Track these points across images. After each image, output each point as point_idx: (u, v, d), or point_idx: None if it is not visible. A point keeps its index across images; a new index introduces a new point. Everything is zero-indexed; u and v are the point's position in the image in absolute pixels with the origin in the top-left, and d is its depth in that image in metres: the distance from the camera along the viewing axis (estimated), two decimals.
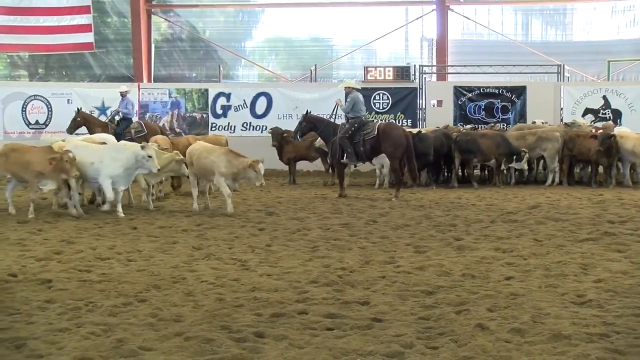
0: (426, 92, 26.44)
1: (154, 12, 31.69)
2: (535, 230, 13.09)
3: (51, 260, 10.67)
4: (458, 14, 31.07)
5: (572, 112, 24.97)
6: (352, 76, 29.73)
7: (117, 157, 15.12)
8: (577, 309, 8.00)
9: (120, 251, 11.35)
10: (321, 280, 9.42)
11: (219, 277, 9.64)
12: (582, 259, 10.65)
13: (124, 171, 15.03)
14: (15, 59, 31.46)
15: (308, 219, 14.64)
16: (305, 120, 18.51)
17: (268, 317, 7.74)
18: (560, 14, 31.57)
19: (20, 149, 15.31)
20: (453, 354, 6.58)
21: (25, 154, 14.96)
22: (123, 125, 22.71)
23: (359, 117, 18.15)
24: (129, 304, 8.28)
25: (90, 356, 6.52)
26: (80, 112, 23.44)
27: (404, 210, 15.77)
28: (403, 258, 10.84)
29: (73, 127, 23.32)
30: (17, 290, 8.89)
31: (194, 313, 7.87)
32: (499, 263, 10.46)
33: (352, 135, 17.91)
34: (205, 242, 12.12)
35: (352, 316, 7.74)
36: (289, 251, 11.42)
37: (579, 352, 6.57)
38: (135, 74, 30.36)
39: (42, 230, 13.36)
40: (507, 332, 7.16)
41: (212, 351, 6.68)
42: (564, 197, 18.07)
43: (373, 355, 6.56)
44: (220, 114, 26.09)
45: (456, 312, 7.86)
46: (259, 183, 15.09)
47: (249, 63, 32.20)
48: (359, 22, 31.57)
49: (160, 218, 14.79)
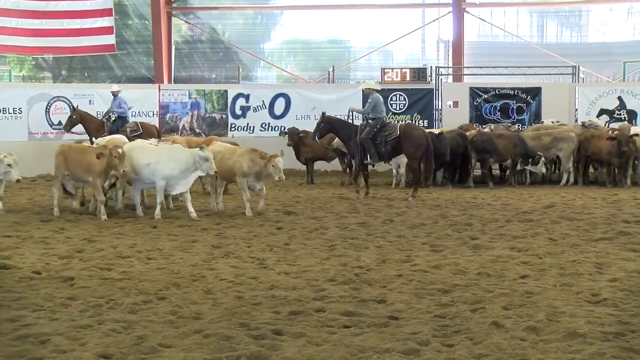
0: (442, 93, 26.36)
1: (175, 15, 31.75)
2: (550, 230, 13.03)
3: (73, 259, 10.72)
4: (474, 16, 30.98)
5: (586, 113, 24.82)
6: (369, 77, 29.68)
7: (175, 157, 14.71)
8: (592, 308, 7.96)
9: (141, 249, 11.38)
10: (338, 279, 9.42)
11: (237, 275, 9.66)
12: (597, 258, 10.60)
13: (180, 173, 14.56)
14: (39, 61, 31.60)
15: (325, 218, 14.63)
16: (323, 122, 18.41)
17: (286, 314, 7.74)
18: (576, 15, 31.42)
19: (78, 149, 15.15)
20: (468, 352, 6.56)
21: (85, 154, 14.75)
22: (118, 124, 22.64)
23: (381, 118, 18.08)
24: (149, 301, 8.30)
25: (111, 352, 6.55)
26: (77, 110, 23.48)
27: (420, 210, 15.74)
28: (419, 257, 10.83)
29: (69, 124, 23.39)
30: (41, 287, 8.95)
31: (213, 311, 7.88)
32: (515, 262, 10.43)
33: (374, 136, 17.86)
34: (225, 241, 12.14)
35: (369, 314, 7.73)
36: (306, 250, 11.42)
37: (594, 351, 6.53)
38: (156, 75, 30.43)
39: (65, 229, 13.42)
40: (523, 330, 7.14)
41: (231, 348, 6.69)
42: (579, 196, 17.98)
43: (389, 353, 6.55)
44: (239, 114, 26.10)
45: (472, 310, 7.84)
46: (277, 177, 14.84)
47: (268, 64, 32.21)
48: (376, 24, 31.54)
49: (180, 217, 14.81)
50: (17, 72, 30.72)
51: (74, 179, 15.07)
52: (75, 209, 15.48)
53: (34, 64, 31.70)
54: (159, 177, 14.57)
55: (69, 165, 14.82)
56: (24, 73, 31.24)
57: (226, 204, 16.14)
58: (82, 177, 14.77)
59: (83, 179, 14.83)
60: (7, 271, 9.85)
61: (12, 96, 24.55)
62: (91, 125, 22.95)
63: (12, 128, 24.01)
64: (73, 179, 15.08)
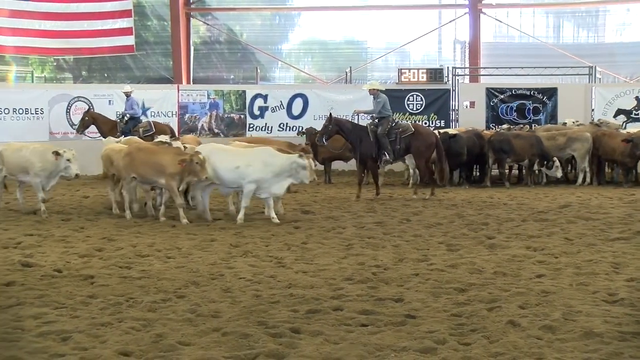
0: (459, 94, 26.32)
1: (193, 16, 31.79)
2: (566, 229, 12.99)
3: (93, 257, 10.77)
4: (490, 17, 30.89)
5: (603, 113, 24.71)
6: (386, 78, 29.71)
7: (270, 161, 14.10)
8: (609, 307, 7.92)
9: (160, 248, 11.42)
10: (356, 278, 9.41)
11: (256, 274, 9.67)
12: (614, 257, 10.55)
13: (273, 177, 14.01)
14: (60, 62, 31.75)
15: (343, 218, 14.63)
16: (331, 123, 18.25)
17: (304, 313, 7.74)
18: (593, 16, 31.27)
19: (147, 149, 14.82)
20: (485, 350, 6.54)
21: (154, 155, 14.39)
22: (131, 124, 22.70)
23: (390, 116, 18.13)
24: (168, 299, 8.33)
25: (130, 350, 6.57)
26: (89, 112, 23.64)
27: (436, 209, 15.72)
28: (436, 256, 10.81)
29: (82, 126, 23.45)
30: (62, 285, 8.99)
31: (232, 309, 7.89)
32: (530, 261, 10.40)
33: (388, 133, 17.85)
34: (243, 240, 12.15)
35: (386, 313, 7.73)
36: (324, 249, 11.42)
37: (611, 351, 6.49)
38: (175, 76, 30.50)
39: (84, 227, 13.48)
40: (539, 329, 7.11)
41: (249, 346, 6.70)
42: (595, 196, 17.90)
43: (406, 351, 6.54)
44: (257, 114, 26.14)
45: (488, 309, 7.82)
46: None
47: (286, 65, 32.21)
48: (392, 25, 31.49)
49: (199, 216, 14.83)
50: (38, 73, 30.87)
51: (142, 181, 14.64)
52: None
53: (55, 65, 31.85)
54: (249, 181, 13.99)
55: (137, 167, 14.36)
56: (45, 74, 31.38)
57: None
58: (152, 178, 14.33)
59: (153, 180, 14.42)
60: (29, 269, 9.92)
61: (34, 97, 24.74)
62: (104, 127, 22.98)
63: (33, 128, 24.21)
64: (140, 181, 14.67)
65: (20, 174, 15.08)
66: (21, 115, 24.42)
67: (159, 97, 25.90)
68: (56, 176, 14.85)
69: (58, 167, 14.57)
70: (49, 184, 14.89)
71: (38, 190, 14.79)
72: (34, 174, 14.67)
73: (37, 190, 14.83)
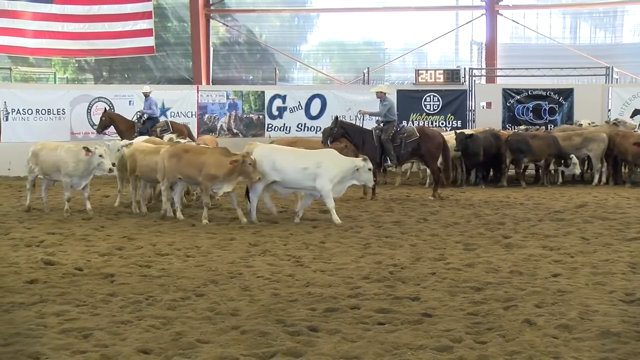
0: (476, 94, 26.21)
1: (213, 17, 31.84)
2: (582, 229, 12.93)
3: (113, 256, 10.83)
4: (507, 19, 30.77)
5: (620, 114, 24.53)
6: (404, 79, 29.69)
7: (338, 163, 14.11)
8: (626, 307, 7.88)
9: (179, 247, 11.46)
10: (373, 276, 9.42)
11: (274, 272, 9.69)
12: (631, 257, 10.50)
13: (340, 178, 14.00)
14: (82, 63, 31.89)
15: (360, 217, 14.63)
16: (336, 126, 18.12)
17: (322, 311, 7.75)
18: (610, 16, 31.09)
19: (194, 150, 14.69)
20: (501, 349, 6.53)
21: (200, 156, 14.23)
22: (149, 125, 22.55)
23: (395, 120, 18.15)
24: (187, 298, 8.36)
25: (150, 348, 6.60)
26: (107, 112, 23.61)
27: (453, 209, 15.69)
28: (453, 255, 10.80)
29: (101, 126, 23.41)
30: (82, 283, 9.05)
31: (250, 307, 7.91)
32: (546, 260, 10.37)
33: (393, 138, 17.81)
34: (261, 239, 12.17)
35: (403, 311, 7.73)
36: (341, 248, 11.43)
37: (629, 350, 6.46)
38: (194, 77, 30.57)
39: (105, 226, 13.55)
40: (555, 328, 7.09)
41: (268, 344, 6.71)
42: (611, 196, 17.80)
43: (423, 350, 6.54)
44: (276, 115, 26.14)
45: (504, 308, 7.81)
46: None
47: (304, 66, 32.21)
48: (410, 27, 31.44)
49: (217, 215, 14.87)
50: (61, 74, 31.03)
51: (188, 181, 14.57)
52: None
53: (76, 66, 32.00)
54: (324, 181, 13.81)
55: (183, 168, 14.19)
56: (67, 75, 31.53)
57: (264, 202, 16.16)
58: (194, 178, 14.19)
59: (195, 180, 14.27)
60: (51, 267, 9.99)
61: (56, 98, 24.84)
62: (122, 126, 22.94)
63: (55, 128, 24.30)
64: (186, 181, 14.58)
65: (54, 173, 15.12)
66: (43, 116, 24.53)
67: (178, 98, 25.92)
68: (89, 175, 14.88)
69: (91, 164, 14.54)
70: (81, 184, 14.88)
71: (67, 190, 14.83)
72: (65, 174, 14.73)
73: (65, 189, 14.86)
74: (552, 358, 6.32)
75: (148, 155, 15.17)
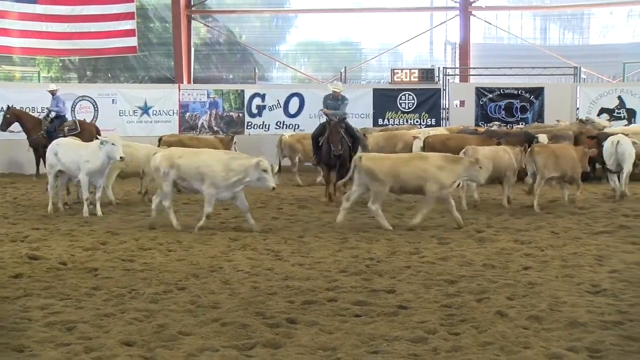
0: (449, 93, 26.33)
1: (194, 18, 31.77)
2: (552, 223, 13.00)
3: (97, 250, 10.78)
4: (480, 19, 30.91)
5: (587, 112, 24.70)
6: (380, 78, 29.76)
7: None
8: (593, 298, 7.95)
9: (162, 242, 11.42)
10: (350, 270, 9.42)
11: (254, 266, 9.68)
12: (598, 250, 10.58)
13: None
14: (66, 62, 31.72)
15: (338, 212, 14.59)
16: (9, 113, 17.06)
17: (300, 304, 7.75)
18: (578, 18, 31.34)
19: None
20: (474, 340, 6.56)
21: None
22: (56, 123, 21.53)
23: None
24: (169, 291, 8.34)
25: (133, 340, 6.59)
26: (11, 109, 22.34)
27: None
28: (427, 249, 10.82)
29: (5, 124, 22.26)
30: (67, 277, 9.01)
31: (231, 300, 7.91)
32: (518, 254, 10.42)
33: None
34: (241, 234, 12.14)
35: (379, 304, 7.74)
36: (320, 242, 11.43)
37: (594, 339, 6.52)
38: (176, 76, 30.49)
39: (89, 222, 13.47)
40: (526, 319, 7.14)
41: (248, 336, 6.71)
42: (581, 192, 17.84)
43: (399, 341, 6.55)
44: (255, 113, 26.12)
45: (477, 300, 7.84)
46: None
47: (283, 65, 32.19)
48: (386, 27, 31.49)
49: (199, 211, 14.79)
50: (45, 73, 30.82)
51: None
52: None
53: (61, 65, 31.81)
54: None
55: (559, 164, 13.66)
56: (51, 74, 31.32)
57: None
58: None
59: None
60: (36, 262, 9.92)
61: (40, 96, 24.56)
62: (28, 124, 21.94)
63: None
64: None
65: (75, 170, 14.36)
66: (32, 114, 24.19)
67: (160, 96, 25.85)
68: (104, 169, 14.28)
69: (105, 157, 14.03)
70: (98, 181, 14.29)
71: (85, 189, 14.28)
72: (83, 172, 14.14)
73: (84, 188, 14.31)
74: (523, 348, 6.36)
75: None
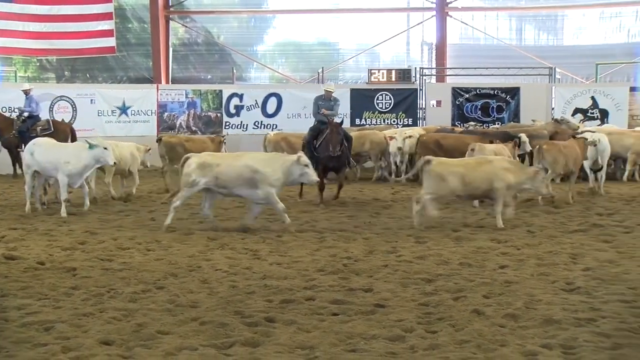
0: (426, 93, 26.40)
1: (172, 18, 31.67)
2: (528, 222, 13.04)
3: (76, 250, 10.71)
4: (456, 20, 31.00)
5: (562, 112, 24.85)
6: (357, 78, 29.80)
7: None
8: (567, 296, 8.00)
9: (140, 241, 11.37)
10: (328, 269, 9.43)
11: (232, 265, 9.66)
12: (572, 249, 10.65)
13: None
14: (44, 62, 31.51)
15: (316, 212, 14.63)
16: None
17: (278, 303, 7.75)
18: (552, 19, 31.52)
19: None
20: (451, 338, 6.58)
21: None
22: (29, 123, 21.20)
23: None
24: (148, 290, 8.31)
25: (112, 339, 6.56)
26: None
27: (405, 204, 15.71)
28: (405, 248, 10.84)
29: None
30: (45, 277, 8.94)
31: (209, 299, 7.89)
32: (495, 253, 10.45)
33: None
34: (220, 233, 12.11)
35: (357, 302, 7.75)
36: (298, 241, 11.42)
37: (568, 336, 6.57)
38: (155, 76, 30.39)
39: (68, 222, 13.38)
40: (502, 317, 7.17)
41: (226, 335, 6.70)
42: (556, 190, 17.93)
43: (376, 339, 6.56)
44: (233, 113, 26.07)
45: (454, 299, 7.86)
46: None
47: (261, 66, 32.16)
48: (363, 28, 31.52)
49: (177, 210, 14.75)
50: (22, 73, 30.59)
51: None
52: None
53: (38, 65, 31.60)
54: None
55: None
56: (28, 74, 31.09)
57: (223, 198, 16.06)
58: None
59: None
60: (13, 262, 9.84)
61: (17, 96, 24.31)
62: (1, 124, 21.62)
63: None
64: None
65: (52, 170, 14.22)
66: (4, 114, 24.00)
67: (139, 97, 25.75)
68: (86, 171, 14.26)
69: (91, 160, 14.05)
70: (77, 182, 14.21)
71: (64, 190, 14.10)
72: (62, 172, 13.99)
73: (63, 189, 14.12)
74: (499, 346, 6.39)
75: None
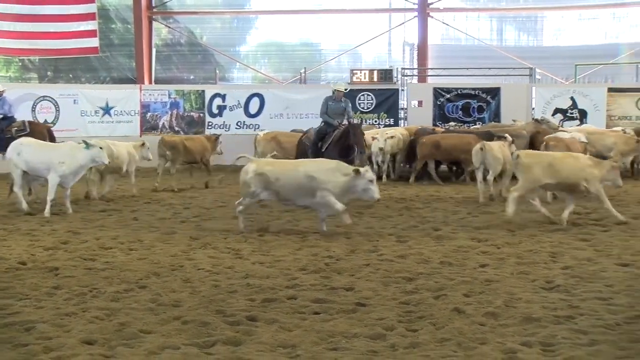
0: (408, 93, 26.47)
1: (155, 19, 31.55)
2: (508, 221, 13.07)
3: (58, 250, 10.65)
4: (438, 21, 31.04)
5: (542, 112, 24.98)
6: (339, 78, 29.68)
7: None
8: (546, 294, 8.03)
9: (123, 241, 11.33)
10: (310, 268, 9.42)
11: (214, 265, 9.64)
12: (552, 247, 10.69)
13: None
14: (26, 62, 31.31)
15: (298, 211, 14.59)
16: None
17: (260, 302, 7.73)
18: (532, 21, 31.64)
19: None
20: (432, 336, 6.59)
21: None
22: (4, 124, 20.26)
23: None
24: (130, 290, 8.28)
25: (94, 338, 6.52)
26: None
27: (387, 203, 15.75)
28: (386, 247, 10.85)
29: None
30: (27, 277, 8.88)
31: (192, 298, 7.87)
32: (475, 252, 10.48)
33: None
34: (202, 233, 12.10)
35: (338, 301, 7.74)
36: (280, 241, 11.41)
37: (547, 333, 6.60)
38: (138, 76, 30.28)
39: (50, 221, 13.31)
40: (482, 315, 7.18)
41: (208, 334, 6.69)
42: (537, 189, 17.99)
43: (357, 338, 6.56)
44: (216, 113, 26.05)
45: (435, 297, 7.87)
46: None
47: (244, 66, 32.10)
48: (345, 28, 31.51)
49: (160, 210, 14.75)
50: (3, 73, 30.42)
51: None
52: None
53: (20, 65, 31.40)
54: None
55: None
56: (10, 74, 30.91)
57: (205, 197, 16.07)
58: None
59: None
60: None
61: None
62: None
63: None
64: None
65: (43, 171, 14.24)
66: None
67: (122, 97, 25.72)
68: (81, 171, 14.34)
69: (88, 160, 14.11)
70: (70, 182, 14.24)
71: (53, 190, 14.07)
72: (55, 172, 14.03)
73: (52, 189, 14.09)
74: (480, 344, 6.40)
75: None
